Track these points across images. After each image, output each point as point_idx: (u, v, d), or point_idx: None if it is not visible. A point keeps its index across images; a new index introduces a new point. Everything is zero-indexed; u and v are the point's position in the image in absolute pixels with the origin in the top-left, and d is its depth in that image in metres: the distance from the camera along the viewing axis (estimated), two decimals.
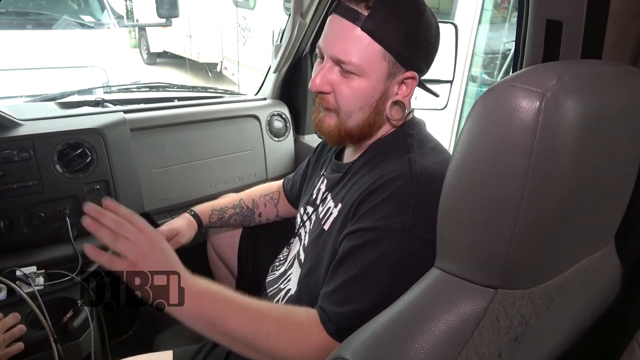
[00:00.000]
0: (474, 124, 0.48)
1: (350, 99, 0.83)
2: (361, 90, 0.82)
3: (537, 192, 0.45)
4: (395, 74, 0.83)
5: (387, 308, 0.57)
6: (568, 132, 0.44)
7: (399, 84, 0.84)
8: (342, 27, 0.80)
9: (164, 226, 1.17)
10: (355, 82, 0.82)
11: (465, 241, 0.50)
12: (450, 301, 0.51)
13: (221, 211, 1.24)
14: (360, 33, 0.79)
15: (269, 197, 1.31)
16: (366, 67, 0.80)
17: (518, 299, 0.50)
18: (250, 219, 1.28)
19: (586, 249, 0.59)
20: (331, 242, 0.85)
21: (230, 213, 1.25)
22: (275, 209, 1.30)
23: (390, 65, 0.81)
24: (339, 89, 0.84)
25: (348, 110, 0.85)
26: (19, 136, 1.18)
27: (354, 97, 0.83)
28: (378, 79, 0.82)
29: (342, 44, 0.80)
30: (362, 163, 0.89)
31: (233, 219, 1.26)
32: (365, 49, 0.79)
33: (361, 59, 0.80)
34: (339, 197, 0.90)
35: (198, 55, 7.03)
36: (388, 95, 0.85)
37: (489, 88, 0.48)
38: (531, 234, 0.47)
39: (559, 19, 0.79)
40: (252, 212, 1.28)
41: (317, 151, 1.17)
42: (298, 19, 1.49)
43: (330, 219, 0.89)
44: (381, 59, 0.80)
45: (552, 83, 0.45)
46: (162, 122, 1.46)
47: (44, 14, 3.42)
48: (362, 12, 0.78)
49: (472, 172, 0.48)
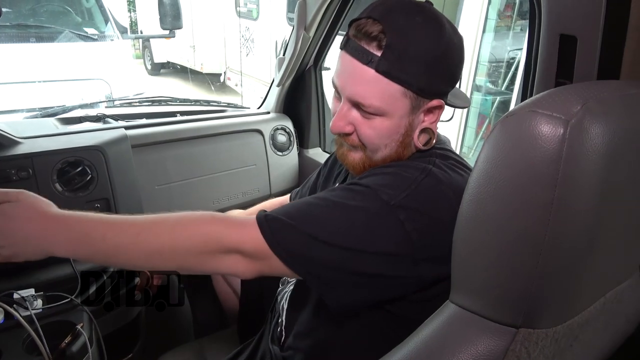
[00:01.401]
0: (492, 151, 0.45)
1: (374, 138, 0.80)
2: (384, 129, 0.78)
3: (562, 225, 0.42)
4: (419, 106, 0.78)
5: (401, 344, 0.54)
6: (594, 161, 0.41)
7: (424, 113, 0.80)
8: (355, 68, 0.75)
9: None
10: (377, 122, 0.78)
11: (483, 276, 0.47)
12: (468, 340, 0.47)
13: None
14: (376, 75, 0.73)
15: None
16: (387, 107, 0.76)
17: (541, 339, 0.47)
18: None
19: (612, 281, 0.55)
20: None
21: None
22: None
23: (413, 101, 0.77)
24: (361, 129, 0.80)
25: (374, 148, 0.81)
26: (17, 155, 1.15)
27: (377, 137, 0.79)
28: (401, 116, 0.78)
29: (358, 87, 0.76)
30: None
31: None
32: (384, 90, 0.74)
33: (381, 101, 0.75)
34: None
35: (201, 66, 7.06)
36: (414, 126, 0.80)
37: (508, 113, 0.45)
38: (556, 269, 0.43)
39: (574, 33, 0.76)
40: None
41: (329, 164, 1.14)
42: (302, 32, 1.47)
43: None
44: (402, 97, 0.76)
45: (576, 109, 0.42)
46: (163, 138, 1.44)
47: (48, 27, 3.43)
48: (375, 52, 0.72)
49: (491, 203, 0.45)
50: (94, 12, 3.85)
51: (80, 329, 1.04)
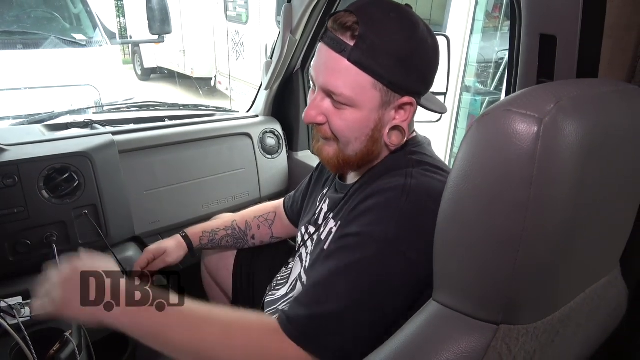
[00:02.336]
0: (468, 151, 0.45)
1: (345, 129, 0.81)
2: (354, 121, 0.80)
3: (539, 223, 0.42)
4: (389, 102, 0.79)
5: (385, 343, 0.54)
6: (569, 158, 0.42)
7: (396, 109, 0.81)
8: (329, 57, 0.77)
9: (153, 245, 1.16)
10: (347, 113, 0.79)
11: (463, 274, 0.48)
12: (450, 337, 0.48)
13: (212, 233, 1.21)
14: (348, 64, 0.75)
15: (263, 218, 1.28)
16: (357, 98, 0.77)
17: (522, 335, 0.47)
18: (243, 241, 1.25)
19: (591, 277, 0.56)
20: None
21: (221, 235, 1.22)
22: (269, 230, 1.27)
23: (383, 94, 0.78)
24: (332, 120, 0.81)
25: (345, 140, 0.82)
26: (2, 162, 1.14)
27: (348, 128, 0.81)
28: (371, 109, 0.79)
29: (331, 76, 0.77)
30: (363, 183, 0.87)
31: (225, 241, 1.23)
32: (355, 80, 0.76)
33: (352, 91, 0.77)
34: (339, 217, 0.88)
35: (192, 70, 7.04)
36: (384, 122, 0.81)
37: (484, 112, 0.46)
38: (534, 266, 0.44)
39: (553, 33, 0.77)
40: (244, 235, 1.25)
41: (320, 168, 1.14)
42: (288, 35, 1.47)
43: (330, 238, 0.86)
44: (372, 89, 0.77)
45: (550, 107, 0.42)
46: (151, 143, 1.44)
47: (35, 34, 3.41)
48: (348, 42, 0.75)
49: (469, 203, 0.46)
50: (82, 18, 3.83)
51: (69, 336, 1.03)
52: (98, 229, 1.26)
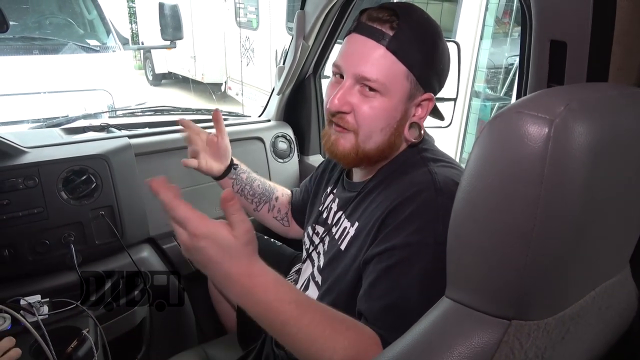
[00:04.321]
0: (481, 151, 0.47)
1: (372, 118, 0.83)
2: (383, 109, 0.82)
3: (549, 220, 0.44)
4: (415, 96, 0.84)
5: (399, 339, 0.56)
6: (579, 158, 0.43)
7: (416, 105, 0.86)
8: (366, 46, 0.81)
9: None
10: (377, 101, 0.82)
11: (476, 271, 0.49)
12: (462, 333, 0.49)
13: (249, 172, 1.26)
14: (386, 52, 0.80)
15: (286, 193, 1.33)
16: (390, 85, 0.81)
17: (533, 331, 0.48)
18: (267, 197, 1.28)
19: (601, 276, 0.57)
20: (352, 261, 0.83)
21: (257, 182, 1.26)
22: (287, 205, 1.30)
23: (412, 86, 0.82)
24: (360, 108, 0.83)
25: (368, 131, 0.83)
26: (24, 164, 1.18)
27: (376, 117, 0.82)
28: (400, 100, 0.82)
29: (367, 63, 0.80)
30: (378, 181, 0.88)
31: (256, 184, 1.26)
32: (390, 68, 0.80)
33: (386, 78, 0.80)
34: (355, 217, 0.88)
35: (202, 76, 7.11)
36: (407, 116, 0.85)
37: (496, 115, 0.47)
38: (544, 263, 0.45)
39: (563, 39, 0.79)
40: (272, 192, 1.29)
41: (321, 168, 1.16)
42: (301, 41, 1.50)
43: (347, 238, 0.87)
44: (404, 79, 0.81)
45: (560, 109, 0.44)
46: (166, 147, 1.47)
47: (51, 39, 3.47)
48: (388, 32, 0.80)
49: (481, 200, 0.47)
50: (96, 24, 3.90)
51: (86, 334, 1.05)
52: (114, 229, 1.29)
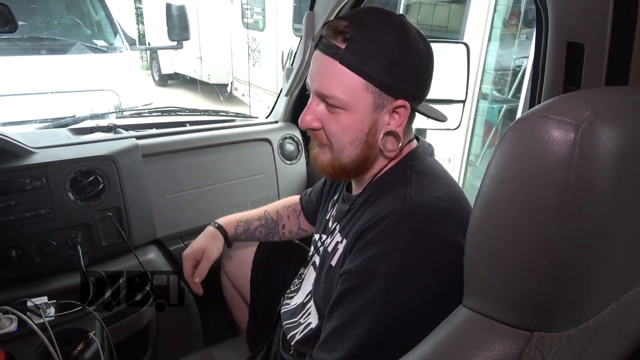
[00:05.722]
0: (503, 156, 0.46)
1: (339, 134, 0.82)
2: (348, 124, 0.81)
3: (575, 229, 0.42)
4: (383, 105, 0.80)
5: (414, 349, 0.54)
6: (606, 164, 0.42)
7: (389, 113, 0.82)
8: (323, 62, 0.79)
9: (187, 250, 1.15)
10: (341, 116, 0.81)
11: (496, 280, 0.48)
12: (482, 344, 0.48)
13: (247, 223, 1.22)
14: (340, 67, 0.77)
15: (292, 208, 1.29)
16: (350, 100, 0.79)
17: (555, 342, 0.47)
18: (275, 231, 1.26)
19: (625, 285, 0.55)
20: (335, 279, 0.83)
21: (255, 225, 1.23)
22: (297, 220, 1.28)
23: (376, 97, 0.79)
24: (327, 125, 0.83)
25: (339, 146, 0.83)
26: (31, 164, 1.17)
27: (342, 132, 0.82)
28: (365, 112, 0.80)
29: (324, 79, 0.79)
30: (364, 199, 0.87)
31: (258, 231, 1.24)
32: (347, 82, 0.78)
33: (344, 93, 0.78)
34: (344, 232, 0.88)
35: (208, 76, 7.13)
36: (378, 126, 0.82)
37: (519, 119, 0.46)
38: (569, 273, 0.44)
39: (581, 41, 0.77)
40: (276, 224, 1.26)
41: None
42: (310, 42, 1.48)
43: (337, 255, 0.87)
44: (364, 91, 0.78)
45: (587, 114, 0.42)
46: (174, 148, 1.46)
47: (59, 40, 3.48)
48: (340, 45, 0.77)
49: (503, 207, 0.46)
50: (103, 25, 3.90)
51: (93, 337, 1.05)
52: (121, 231, 1.28)
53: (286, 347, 0.99)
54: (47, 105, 3.03)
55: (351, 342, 0.72)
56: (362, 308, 0.73)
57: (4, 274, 1.16)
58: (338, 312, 0.77)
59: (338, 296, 0.78)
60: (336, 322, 0.76)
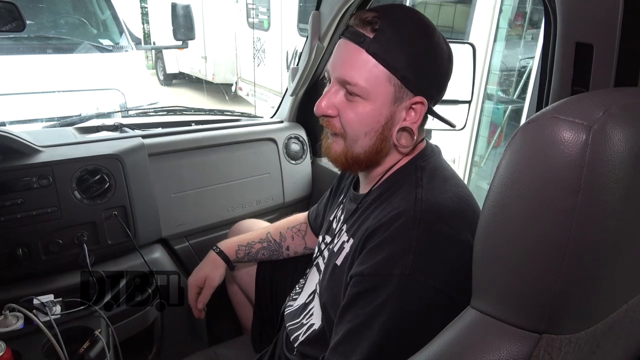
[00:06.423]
0: (513, 157, 0.45)
1: (356, 123, 0.82)
2: (366, 114, 0.81)
3: (586, 230, 0.42)
4: (402, 99, 0.81)
5: (421, 350, 0.54)
6: (618, 166, 0.41)
7: (406, 109, 0.82)
8: (348, 50, 0.80)
9: (191, 278, 1.16)
10: (360, 106, 0.80)
11: (505, 281, 0.47)
12: (490, 346, 0.47)
13: (248, 246, 1.21)
14: (366, 56, 0.78)
15: (296, 229, 1.28)
16: (371, 89, 0.79)
17: (564, 345, 0.47)
18: (278, 253, 1.25)
19: (635, 288, 0.55)
20: (343, 279, 0.83)
21: (257, 247, 1.22)
22: (303, 241, 1.27)
23: (397, 89, 0.80)
24: (344, 113, 0.82)
25: (354, 135, 0.83)
26: (38, 163, 1.18)
27: (359, 122, 0.81)
28: (383, 103, 0.80)
29: (348, 66, 0.79)
30: (374, 197, 0.86)
31: (260, 254, 1.23)
32: (371, 71, 0.78)
33: (366, 82, 0.78)
34: (352, 231, 0.88)
35: (213, 76, 7.14)
36: (395, 120, 0.82)
37: (529, 119, 0.45)
38: (579, 274, 0.43)
39: (590, 41, 0.77)
40: (279, 246, 1.25)
41: (339, 178, 1.15)
42: (316, 42, 1.48)
43: (343, 254, 0.87)
44: (386, 82, 0.79)
45: (599, 115, 0.42)
46: (179, 147, 1.46)
47: (65, 39, 3.50)
48: (368, 35, 0.78)
49: (512, 209, 0.45)
50: (109, 24, 3.91)
51: (99, 335, 1.05)
52: (127, 230, 1.28)
53: (290, 348, 0.99)
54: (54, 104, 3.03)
55: (366, 345, 0.71)
56: (375, 310, 0.72)
57: (11, 272, 1.17)
58: (350, 315, 0.76)
59: (349, 299, 0.76)
60: (349, 324, 0.75)
